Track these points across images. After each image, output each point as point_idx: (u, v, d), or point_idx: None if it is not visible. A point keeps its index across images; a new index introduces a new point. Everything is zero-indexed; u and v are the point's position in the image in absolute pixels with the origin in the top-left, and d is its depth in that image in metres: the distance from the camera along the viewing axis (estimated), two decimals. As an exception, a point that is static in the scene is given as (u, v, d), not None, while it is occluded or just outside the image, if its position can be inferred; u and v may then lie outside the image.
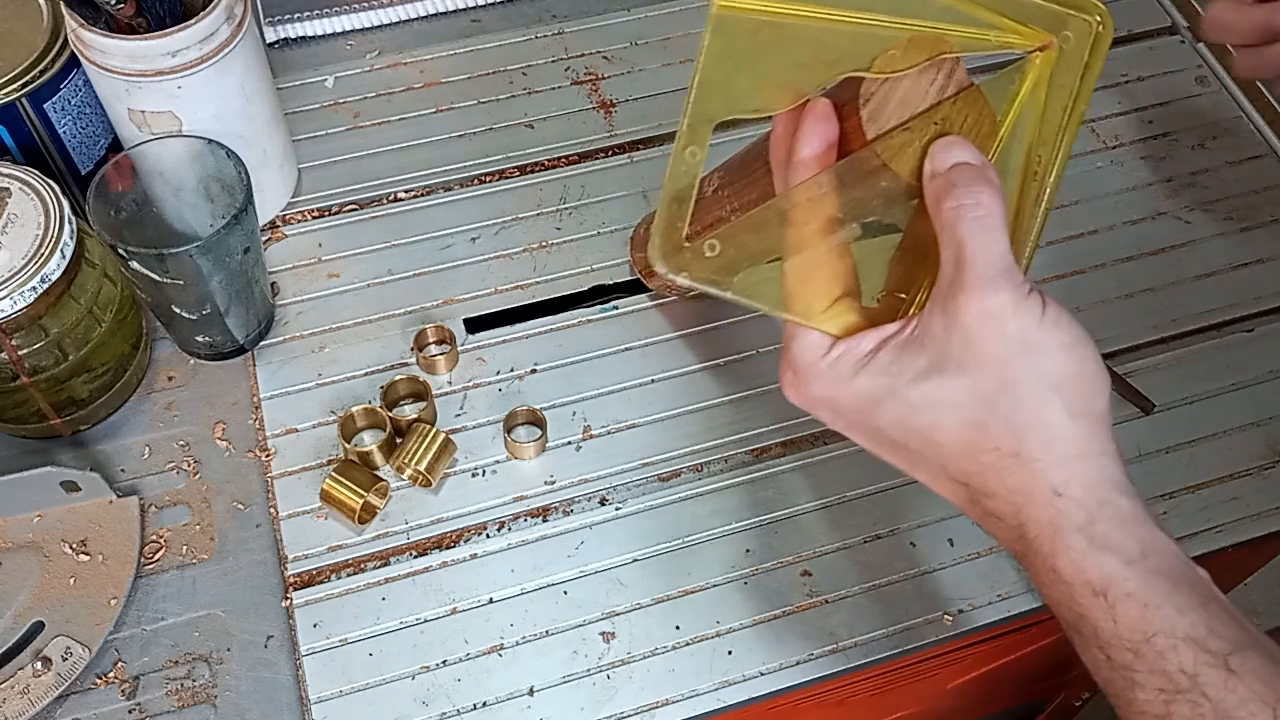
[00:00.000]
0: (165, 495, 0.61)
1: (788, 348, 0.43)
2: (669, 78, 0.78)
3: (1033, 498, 0.39)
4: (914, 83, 0.43)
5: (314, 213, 0.71)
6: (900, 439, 0.42)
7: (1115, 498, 0.39)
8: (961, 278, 0.39)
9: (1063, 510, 0.39)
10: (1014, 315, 0.38)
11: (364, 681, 0.56)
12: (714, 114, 0.44)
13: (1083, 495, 0.38)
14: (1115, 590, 0.38)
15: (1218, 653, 0.36)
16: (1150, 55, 0.81)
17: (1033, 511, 0.39)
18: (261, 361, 0.65)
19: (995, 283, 0.38)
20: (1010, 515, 0.40)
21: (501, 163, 0.74)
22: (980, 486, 0.40)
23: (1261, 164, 0.76)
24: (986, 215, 0.40)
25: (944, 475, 0.42)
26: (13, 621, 0.56)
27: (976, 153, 0.41)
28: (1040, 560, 0.39)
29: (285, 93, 0.75)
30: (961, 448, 0.40)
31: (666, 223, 0.44)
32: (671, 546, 0.61)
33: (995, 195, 0.40)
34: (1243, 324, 0.70)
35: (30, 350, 0.56)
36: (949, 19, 0.43)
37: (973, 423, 0.39)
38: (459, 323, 0.67)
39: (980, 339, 0.39)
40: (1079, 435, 0.39)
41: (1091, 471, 0.39)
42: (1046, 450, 0.39)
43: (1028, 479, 0.39)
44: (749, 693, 0.57)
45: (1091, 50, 0.43)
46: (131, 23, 0.58)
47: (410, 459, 0.60)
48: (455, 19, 0.81)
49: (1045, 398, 0.39)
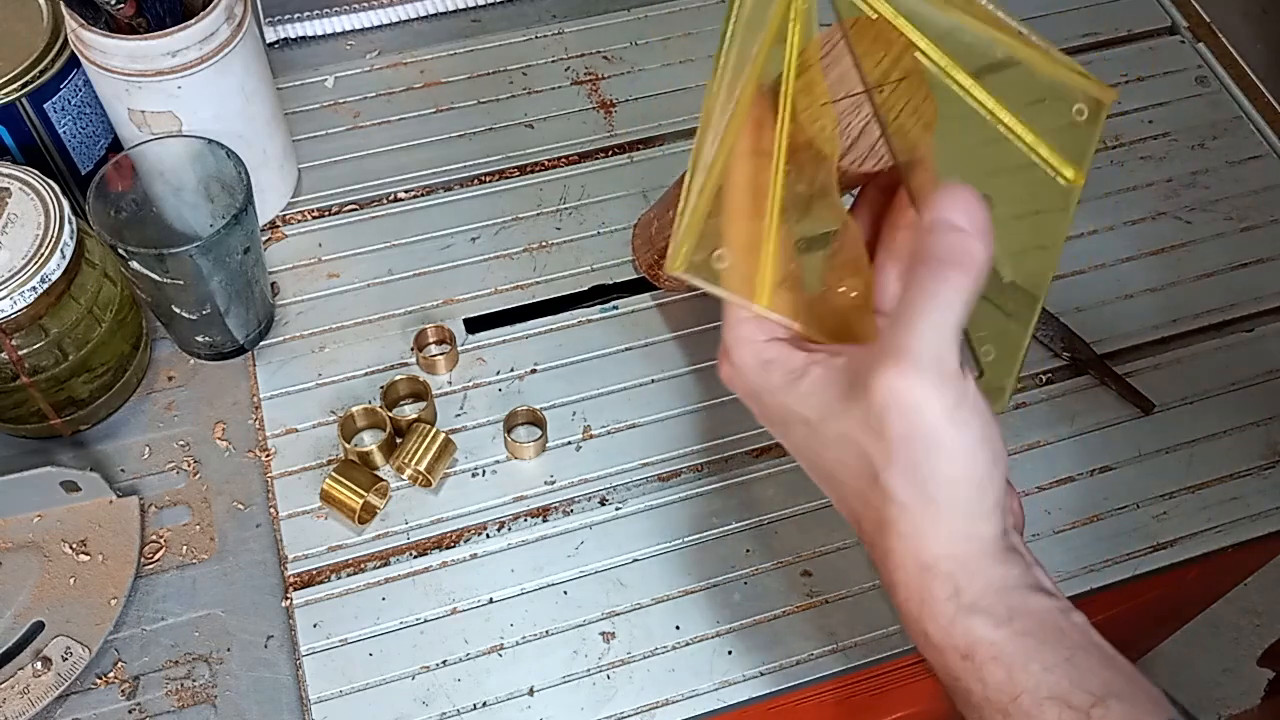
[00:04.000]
0: (165, 495, 0.61)
1: (724, 331, 0.42)
2: (669, 78, 0.78)
3: (904, 566, 0.39)
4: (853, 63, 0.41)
5: (314, 213, 0.71)
6: (810, 461, 0.43)
7: (986, 568, 0.39)
8: (892, 344, 0.38)
9: (930, 582, 0.39)
10: (924, 404, 0.38)
11: (364, 681, 0.56)
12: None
13: (953, 570, 0.39)
14: (982, 654, 0.38)
15: (1080, 707, 0.37)
16: (1150, 55, 0.81)
17: (902, 577, 0.40)
18: (261, 361, 0.65)
19: (918, 363, 0.37)
20: (886, 572, 0.41)
21: (501, 163, 0.74)
22: (867, 534, 0.41)
23: (1261, 164, 0.76)
24: (950, 292, 0.38)
25: (843, 505, 0.42)
26: (13, 621, 0.56)
27: (979, 216, 0.38)
28: (910, 622, 0.40)
29: (285, 93, 0.75)
30: (854, 492, 0.41)
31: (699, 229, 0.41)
32: (671, 546, 0.61)
33: (968, 275, 0.38)
34: (1243, 324, 0.70)
35: (30, 350, 0.56)
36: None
37: (865, 478, 0.40)
38: (459, 323, 0.67)
39: (885, 413, 0.38)
40: (958, 525, 0.39)
41: (967, 552, 0.39)
42: (922, 531, 0.39)
43: (900, 548, 0.39)
44: (749, 693, 0.57)
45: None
46: (131, 23, 0.58)
47: (410, 459, 0.60)
48: (455, 19, 0.81)
49: (930, 489, 0.38)
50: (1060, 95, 0.43)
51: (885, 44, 0.41)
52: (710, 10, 0.81)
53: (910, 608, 0.40)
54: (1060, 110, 0.43)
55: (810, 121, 0.41)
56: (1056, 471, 0.64)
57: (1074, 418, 0.66)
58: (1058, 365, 0.68)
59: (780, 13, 0.40)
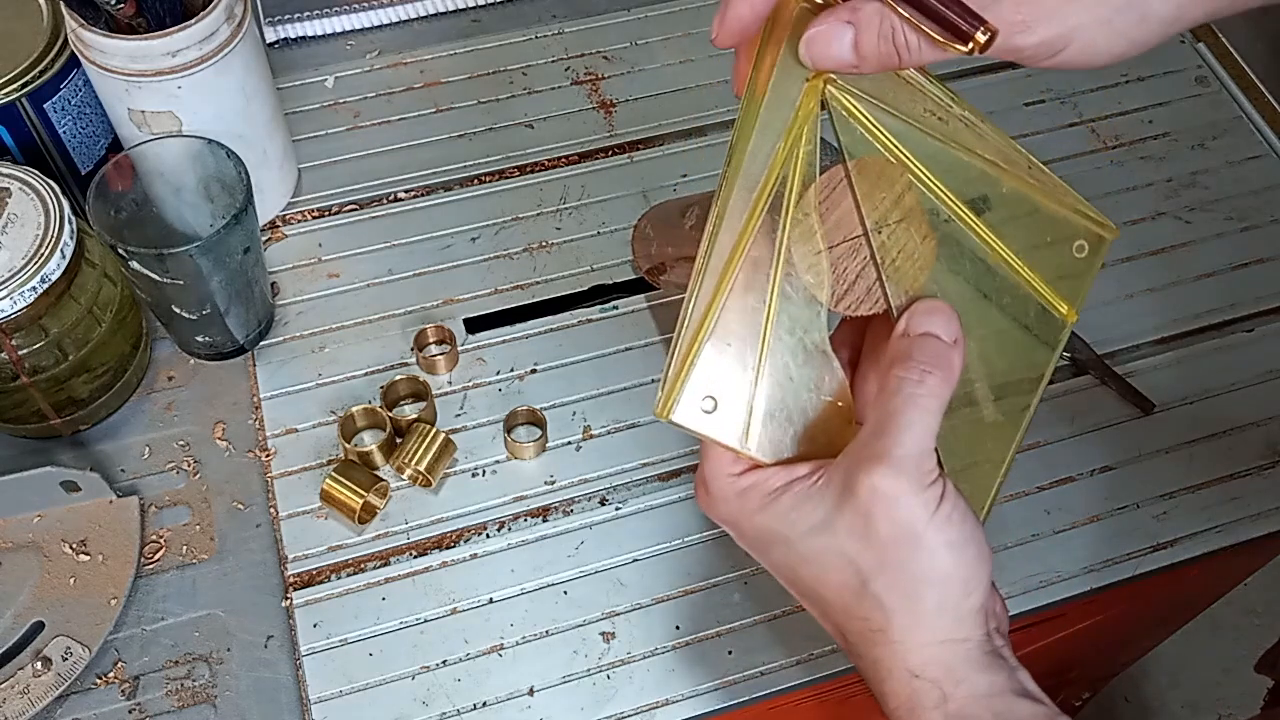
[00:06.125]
0: (165, 495, 0.61)
1: (702, 463, 0.43)
2: (669, 78, 0.78)
3: (893, 674, 0.40)
4: (857, 202, 0.42)
5: (314, 213, 0.71)
6: (790, 579, 0.43)
7: (973, 675, 0.39)
8: (873, 448, 0.39)
9: (918, 690, 0.39)
10: (907, 503, 0.38)
11: (364, 681, 0.56)
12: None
13: (941, 677, 0.39)
14: None
15: None
16: (1150, 55, 0.81)
17: (892, 686, 0.40)
18: (261, 361, 0.65)
19: (900, 465, 0.38)
20: (874, 682, 0.41)
21: (501, 163, 0.74)
22: (853, 646, 0.42)
23: (1261, 164, 0.76)
24: (926, 397, 0.39)
25: (826, 620, 0.43)
26: (13, 621, 0.56)
27: (953, 327, 0.41)
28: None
29: (285, 93, 0.75)
30: (838, 605, 0.41)
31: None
32: (671, 546, 0.61)
33: (944, 379, 0.40)
34: (1243, 324, 0.70)
35: (30, 350, 0.56)
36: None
37: (850, 589, 0.40)
38: (459, 323, 0.67)
39: (870, 515, 0.39)
40: (944, 626, 0.39)
41: (954, 655, 0.39)
42: (909, 635, 0.39)
43: (889, 655, 0.40)
44: (749, 693, 0.57)
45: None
46: (131, 23, 0.58)
47: (410, 459, 0.60)
48: (455, 19, 0.81)
49: (917, 589, 0.39)
50: (1063, 232, 0.44)
51: (887, 183, 0.42)
52: (710, 10, 0.81)
53: (899, 716, 0.40)
54: (1061, 247, 0.44)
55: (806, 268, 0.41)
56: (1056, 471, 0.64)
57: (1074, 418, 0.66)
58: (1058, 365, 0.67)
59: (782, 156, 0.41)
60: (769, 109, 0.40)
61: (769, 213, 0.41)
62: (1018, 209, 0.43)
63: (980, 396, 0.44)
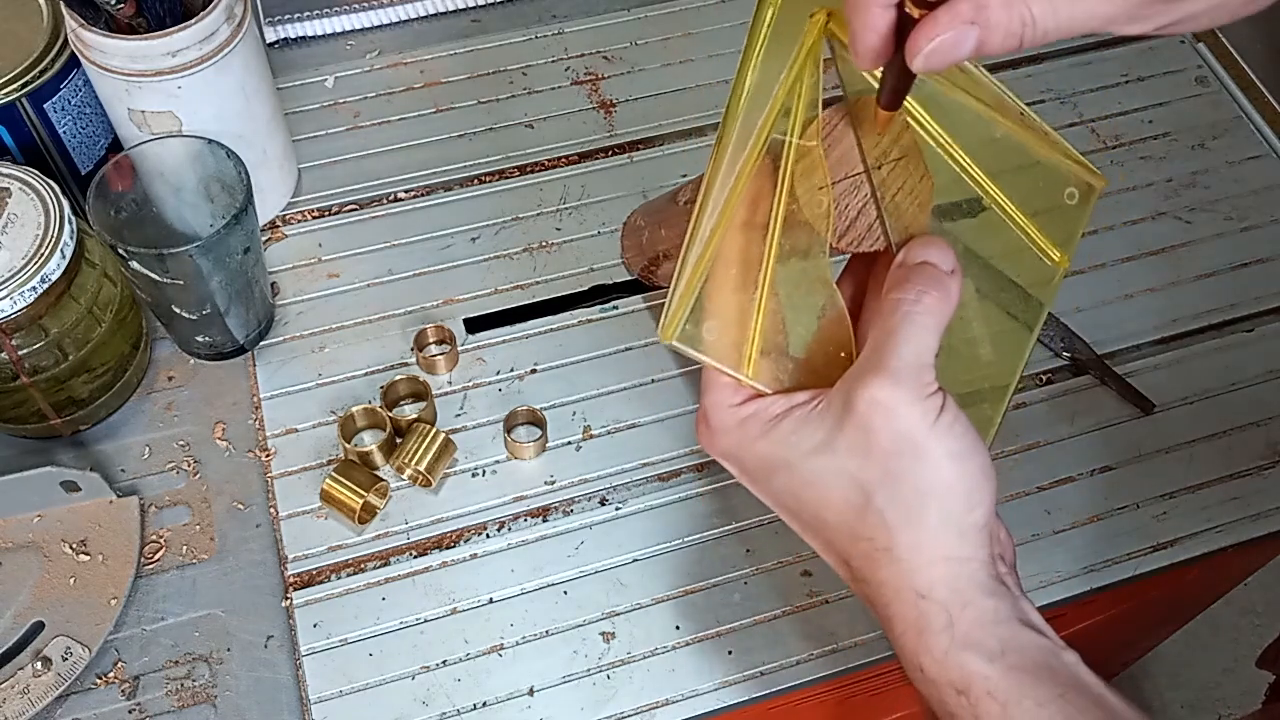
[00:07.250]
0: (165, 495, 0.61)
1: (703, 396, 0.43)
2: (669, 78, 0.78)
3: (900, 595, 0.40)
4: (855, 142, 0.42)
5: (314, 213, 0.71)
6: (793, 507, 0.42)
7: (979, 599, 0.39)
8: (871, 362, 0.39)
9: (926, 612, 0.39)
10: (906, 413, 0.38)
11: (364, 681, 0.56)
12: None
13: (947, 597, 0.39)
14: (976, 689, 0.38)
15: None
16: (1150, 55, 0.81)
17: (899, 609, 0.40)
18: (261, 361, 0.65)
19: (898, 376, 0.38)
20: (880, 606, 0.41)
21: (501, 163, 0.74)
22: (858, 571, 0.41)
23: (1261, 164, 0.76)
24: (923, 314, 0.39)
25: (830, 549, 0.42)
26: (13, 621, 0.56)
27: (950, 259, 0.41)
28: (907, 657, 0.40)
29: (285, 93, 0.75)
30: (842, 529, 0.41)
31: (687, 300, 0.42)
32: (671, 546, 0.61)
33: (941, 299, 0.40)
34: (1243, 324, 0.70)
35: (30, 350, 0.56)
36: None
37: (852, 507, 0.40)
38: (459, 323, 0.67)
39: (870, 427, 0.39)
40: (948, 541, 0.39)
41: (958, 576, 0.39)
42: (914, 552, 0.39)
43: (895, 576, 0.40)
44: (749, 693, 0.57)
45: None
46: (131, 23, 0.58)
47: (410, 459, 0.60)
48: (455, 19, 0.81)
49: (921, 501, 0.39)
50: (1054, 179, 0.44)
51: (886, 122, 0.42)
52: (710, 10, 0.81)
53: (907, 640, 0.40)
54: (1053, 193, 0.44)
55: (809, 203, 0.42)
56: (1056, 471, 0.64)
57: (1074, 418, 0.66)
58: (1058, 365, 0.68)
59: (785, 90, 0.41)
60: (773, 42, 0.41)
61: (772, 145, 0.41)
62: (1011, 153, 0.43)
63: (978, 335, 0.44)
